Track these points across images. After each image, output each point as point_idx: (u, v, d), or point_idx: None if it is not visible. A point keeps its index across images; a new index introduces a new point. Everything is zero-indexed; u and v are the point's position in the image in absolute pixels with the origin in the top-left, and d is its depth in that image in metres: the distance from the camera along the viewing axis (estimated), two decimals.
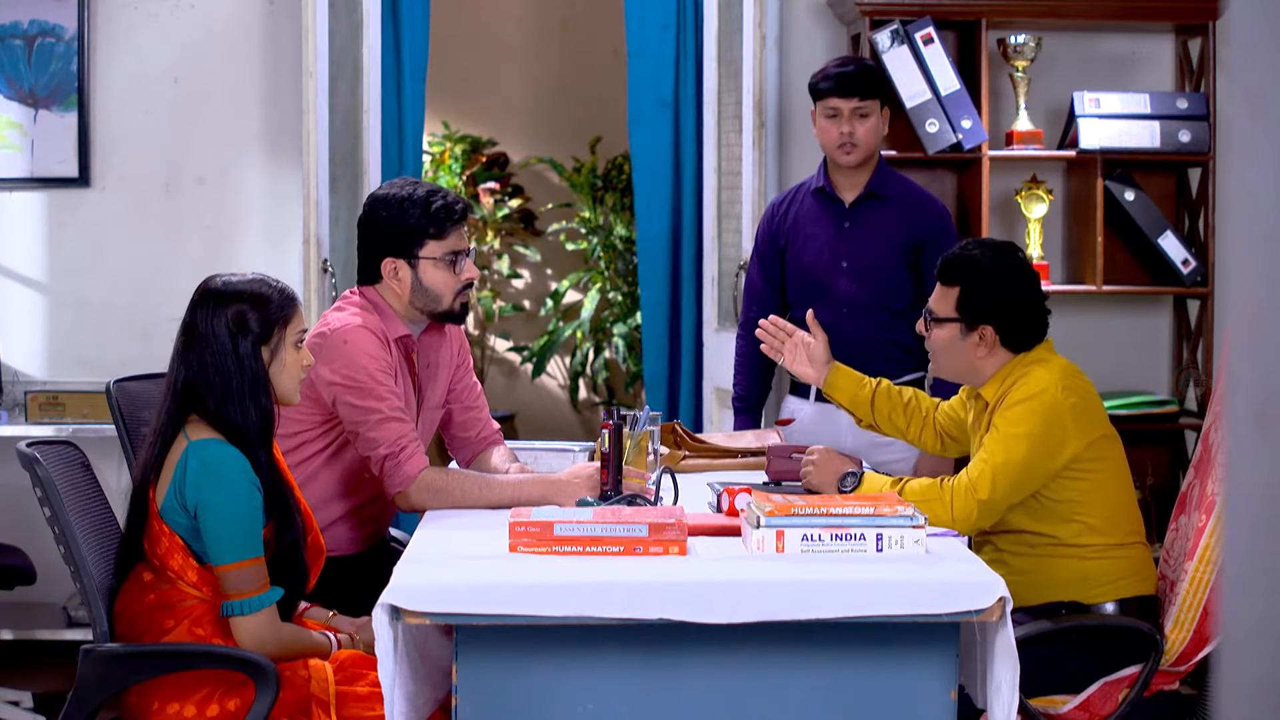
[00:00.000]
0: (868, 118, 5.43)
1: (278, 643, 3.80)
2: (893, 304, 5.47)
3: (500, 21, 10.16)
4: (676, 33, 7.02)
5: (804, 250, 5.54)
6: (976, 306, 4.33)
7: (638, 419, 4.42)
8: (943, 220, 5.52)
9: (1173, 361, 6.81)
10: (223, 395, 3.83)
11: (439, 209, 4.51)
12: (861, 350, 5.40)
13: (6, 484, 6.44)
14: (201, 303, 3.90)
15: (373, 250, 4.56)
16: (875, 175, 5.51)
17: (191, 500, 3.76)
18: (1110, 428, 4.35)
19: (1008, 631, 3.50)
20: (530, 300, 10.37)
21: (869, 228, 5.48)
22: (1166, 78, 6.80)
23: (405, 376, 4.56)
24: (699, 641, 3.48)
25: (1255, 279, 1.48)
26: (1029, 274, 4.41)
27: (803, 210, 5.58)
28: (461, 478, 4.40)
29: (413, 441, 4.38)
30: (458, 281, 4.54)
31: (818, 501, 3.76)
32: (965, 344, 4.36)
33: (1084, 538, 4.26)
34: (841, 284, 5.48)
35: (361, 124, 6.64)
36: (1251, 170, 1.49)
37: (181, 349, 3.89)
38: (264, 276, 3.97)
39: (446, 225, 4.52)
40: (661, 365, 7.15)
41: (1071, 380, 4.28)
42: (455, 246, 4.54)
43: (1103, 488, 4.28)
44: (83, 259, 6.84)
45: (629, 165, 8.60)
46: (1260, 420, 1.46)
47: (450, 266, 4.53)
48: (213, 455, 3.78)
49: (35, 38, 6.77)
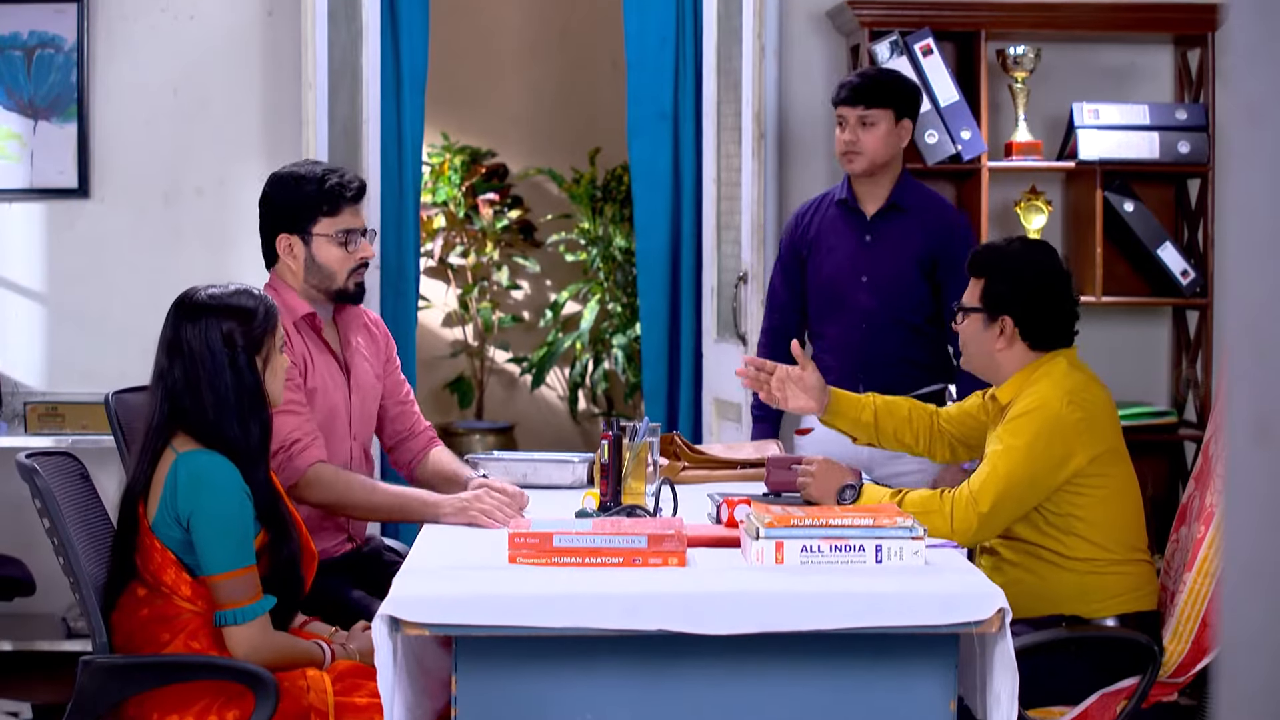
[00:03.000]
0: (873, 126, 5.41)
1: (272, 651, 3.80)
2: (911, 318, 5.45)
3: (500, 32, 10.16)
4: (676, 44, 7.02)
5: (825, 262, 5.53)
6: (997, 297, 4.35)
7: (637, 430, 4.41)
8: (962, 233, 5.49)
9: (1172, 373, 6.81)
10: (219, 411, 3.83)
11: (333, 186, 4.55)
12: (880, 365, 5.40)
13: (6, 495, 6.44)
14: (188, 318, 3.88)
15: (269, 227, 4.62)
16: (897, 187, 5.49)
17: (184, 512, 3.76)
18: (1119, 442, 4.32)
19: (1007, 643, 3.50)
20: (529, 311, 10.37)
21: (890, 241, 5.46)
22: (1165, 89, 6.80)
23: (324, 355, 4.60)
24: (698, 653, 3.48)
25: (1254, 290, 1.48)
26: (1058, 272, 4.40)
27: (825, 222, 5.56)
28: (350, 478, 4.47)
29: (307, 435, 4.42)
30: (351, 260, 4.58)
31: (817, 513, 3.76)
32: (986, 335, 4.37)
33: (1083, 551, 4.26)
34: (861, 298, 5.46)
35: (361, 134, 6.64)
36: (1250, 180, 1.49)
37: (167, 365, 3.88)
38: (245, 286, 3.98)
39: (340, 203, 4.56)
40: (661, 376, 7.14)
41: (1079, 394, 4.26)
42: (348, 224, 4.58)
43: (1105, 504, 4.27)
44: (82, 270, 6.84)
45: (628, 176, 8.59)
46: (1259, 432, 1.46)
47: (343, 244, 4.56)
48: (202, 465, 3.78)
49: (35, 49, 6.77)
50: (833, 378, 5.46)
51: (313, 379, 4.54)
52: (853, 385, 5.41)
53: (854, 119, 5.41)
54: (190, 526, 3.76)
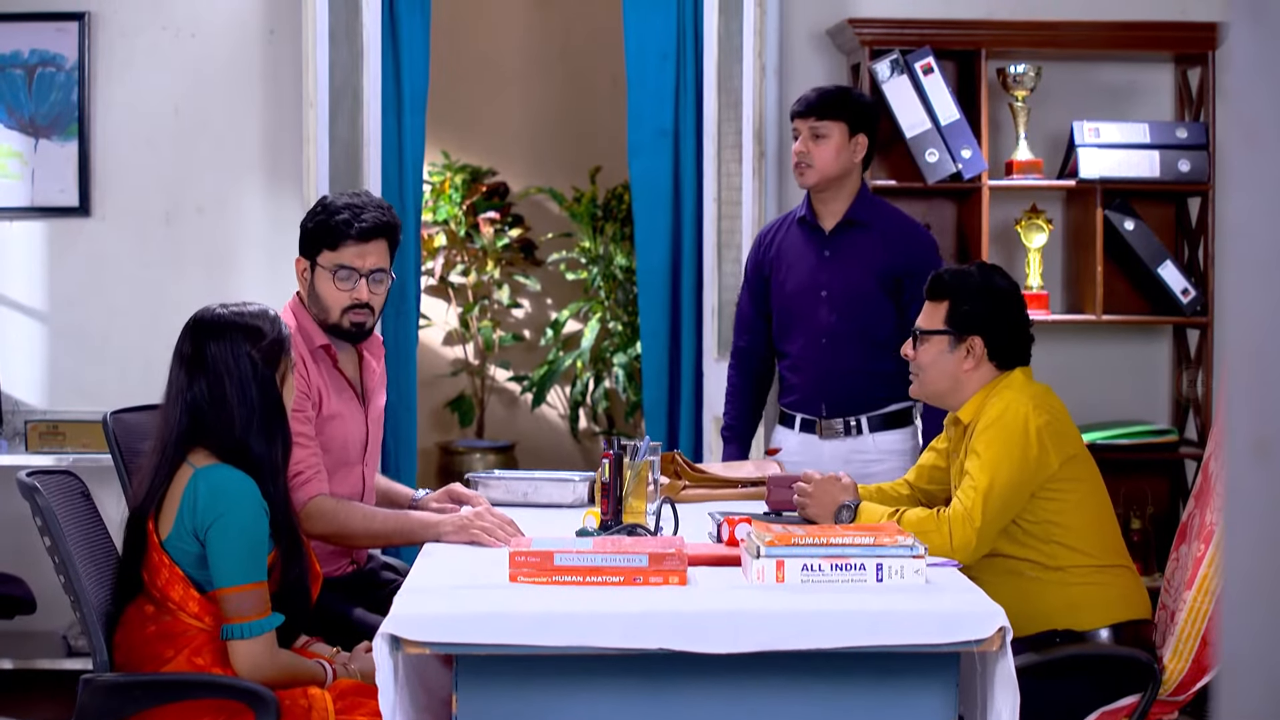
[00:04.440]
0: (824, 139, 5.37)
1: (274, 668, 3.80)
2: (873, 334, 5.39)
3: (500, 51, 10.17)
4: (676, 62, 7.02)
5: (786, 279, 5.50)
6: (966, 318, 4.39)
7: (638, 449, 4.41)
8: (925, 248, 5.44)
9: (1172, 391, 6.81)
10: (246, 426, 3.84)
11: (341, 220, 4.50)
12: (841, 381, 5.39)
13: (7, 513, 6.44)
14: (212, 334, 3.88)
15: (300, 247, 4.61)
16: (855, 202, 5.44)
17: (202, 525, 3.76)
18: (1083, 449, 4.38)
19: (1008, 661, 3.49)
20: (530, 330, 10.38)
21: (848, 256, 5.42)
22: (1166, 107, 6.81)
23: (340, 384, 4.57)
24: (699, 671, 3.48)
25: (1253, 308, 1.48)
26: (1015, 292, 4.48)
27: (787, 240, 5.54)
28: (349, 508, 4.45)
29: (310, 468, 4.40)
30: (345, 298, 4.53)
31: (817, 531, 3.77)
32: (953, 357, 4.41)
33: (1065, 559, 4.27)
34: (821, 313, 5.43)
35: (362, 154, 6.65)
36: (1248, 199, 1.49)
37: (187, 381, 3.88)
38: (260, 305, 3.99)
39: (341, 238, 4.51)
40: (661, 395, 7.14)
41: (1042, 400, 4.34)
42: (348, 261, 4.51)
43: (1080, 508, 4.29)
44: (83, 288, 6.85)
45: (629, 195, 8.60)
46: (1258, 449, 1.46)
47: (340, 281, 4.53)
48: (223, 479, 3.79)
49: (36, 67, 6.78)
50: (796, 395, 5.47)
51: (328, 407, 4.52)
52: (815, 402, 5.42)
53: (806, 131, 5.40)
54: (206, 539, 3.76)
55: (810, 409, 5.45)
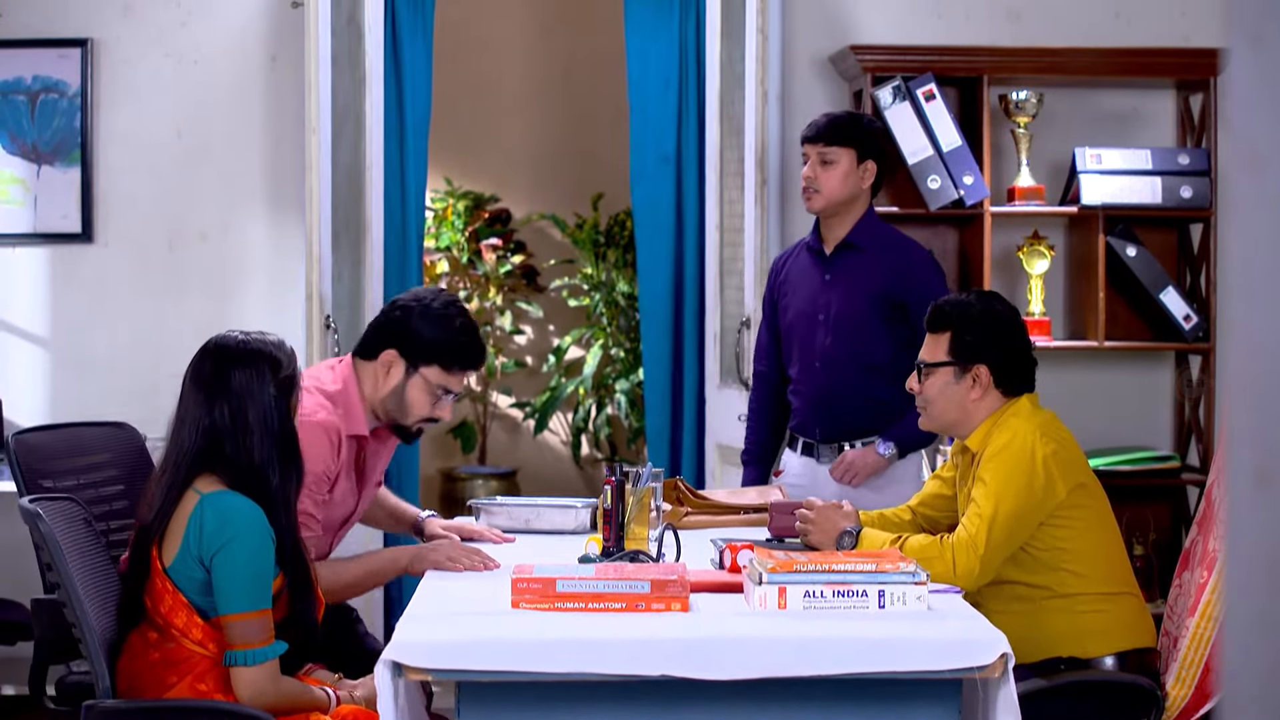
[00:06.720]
0: (832, 165, 5.39)
1: (277, 695, 3.79)
2: (868, 358, 5.38)
3: (502, 78, 10.18)
4: (678, 89, 7.03)
5: (790, 304, 5.53)
6: (969, 348, 4.38)
7: (640, 475, 4.41)
8: (923, 270, 5.43)
9: (1175, 417, 6.81)
10: (264, 456, 3.83)
11: (463, 347, 4.51)
12: (836, 405, 5.38)
13: (8, 539, 6.43)
14: (235, 362, 3.86)
15: (387, 334, 4.54)
16: (856, 226, 5.45)
17: (208, 552, 3.74)
18: (1091, 477, 4.36)
19: (1010, 688, 3.49)
20: (533, 356, 10.38)
21: (846, 279, 5.42)
22: (1168, 134, 6.81)
23: (351, 472, 4.56)
24: (701, 698, 3.48)
25: (1254, 335, 1.48)
26: (1016, 318, 4.48)
27: (796, 265, 5.56)
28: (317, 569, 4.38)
29: None
30: (430, 411, 4.55)
31: (820, 558, 3.76)
32: (959, 387, 4.39)
33: (1070, 586, 4.26)
34: (819, 336, 5.43)
35: (364, 180, 6.65)
36: (1250, 226, 1.49)
37: (206, 406, 3.85)
38: (278, 336, 3.98)
39: (463, 366, 4.53)
40: (664, 421, 7.14)
41: (1050, 428, 4.33)
42: (452, 385, 4.54)
43: (1087, 536, 4.29)
44: (85, 314, 6.85)
45: (631, 221, 8.61)
46: (1260, 476, 1.46)
47: (436, 397, 4.54)
48: (230, 506, 3.77)
49: (39, 93, 6.79)
50: (797, 419, 5.48)
51: (336, 491, 4.50)
52: (813, 426, 5.42)
53: (815, 156, 5.41)
54: (213, 565, 3.75)
55: (808, 432, 5.45)
